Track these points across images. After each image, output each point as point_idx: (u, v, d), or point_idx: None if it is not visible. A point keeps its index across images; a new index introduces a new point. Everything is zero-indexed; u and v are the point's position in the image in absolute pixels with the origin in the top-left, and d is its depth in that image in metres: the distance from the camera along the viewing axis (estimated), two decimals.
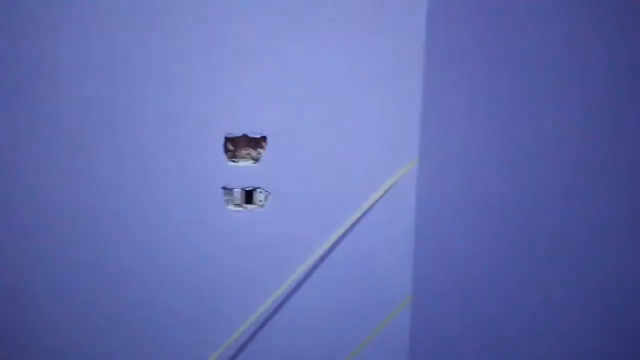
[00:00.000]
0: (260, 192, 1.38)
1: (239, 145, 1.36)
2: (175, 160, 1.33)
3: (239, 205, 1.38)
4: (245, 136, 1.35)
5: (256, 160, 1.36)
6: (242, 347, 1.44)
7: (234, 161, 1.36)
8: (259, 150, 1.36)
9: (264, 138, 1.35)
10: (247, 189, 1.37)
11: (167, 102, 1.31)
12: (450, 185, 1.26)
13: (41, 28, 1.26)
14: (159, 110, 1.31)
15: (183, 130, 1.32)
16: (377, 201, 1.39)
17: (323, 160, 1.37)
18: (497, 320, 1.04)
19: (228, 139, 1.34)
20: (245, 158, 1.37)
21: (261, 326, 1.43)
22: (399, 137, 1.37)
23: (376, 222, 1.41)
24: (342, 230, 1.39)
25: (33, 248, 1.36)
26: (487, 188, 1.08)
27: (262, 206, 1.38)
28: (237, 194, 1.37)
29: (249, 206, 1.38)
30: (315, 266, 1.41)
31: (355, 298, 1.43)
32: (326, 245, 1.40)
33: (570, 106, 0.80)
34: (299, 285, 1.42)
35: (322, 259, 1.41)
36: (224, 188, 1.36)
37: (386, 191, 1.39)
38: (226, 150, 1.35)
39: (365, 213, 1.40)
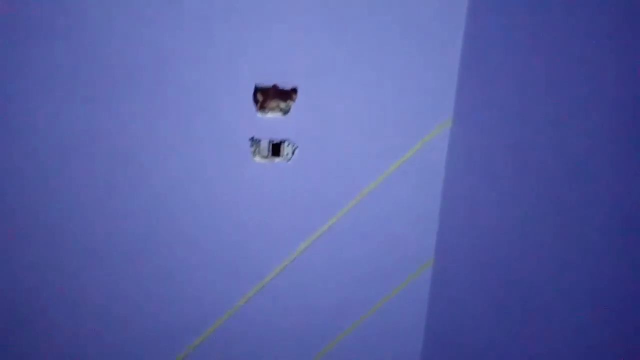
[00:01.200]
0: (288, 145, 1.35)
1: (269, 96, 1.32)
2: (201, 109, 1.30)
3: (265, 157, 1.36)
4: (275, 87, 1.30)
5: (285, 112, 1.33)
6: (259, 302, 1.46)
7: (262, 112, 1.32)
8: (289, 102, 1.33)
9: (294, 90, 1.31)
10: (274, 141, 1.35)
11: (194, 48, 1.26)
12: (483, 150, 1.23)
13: None
14: (185, 56, 1.26)
15: (210, 77, 1.28)
16: (406, 160, 1.37)
17: (354, 116, 1.33)
18: (517, 289, 1.03)
19: (258, 89, 1.30)
20: (274, 110, 1.33)
21: (281, 280, 1.45)
22: (434, 95, 1.33)
23: (404, 182, 1.39)
24: (368, 189, 1.38)
25: (56, 189, 1.36)
26: (522, 155, 1.04)
27: (288, 160, 1.36)
28: (265, 145, 1.34)
29: (276, 159, 1.36)
30: (338, 225, 1.41)
31: (377, 257, 1.44)
32: (351, 204, 1.38)
33: (620, 86, 0.75)
34: (321, 242, 1.42)
35: (346, 217, 1.41)
36: (252, 139, 1.34)
37: (417, 150, 1.36)
38: (255, 101, 1.31)
39: (393, 173, 1.37)
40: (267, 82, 1.29)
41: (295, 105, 1.32)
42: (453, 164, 1.36)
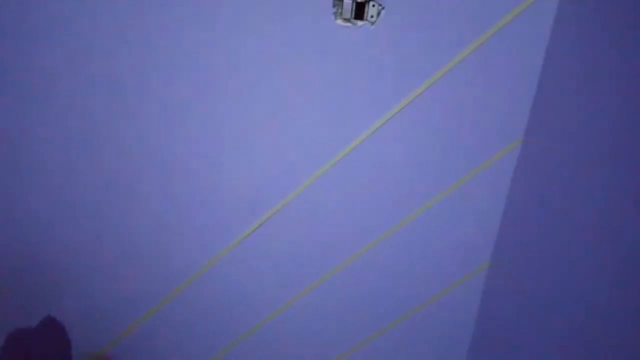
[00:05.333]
0: (373, 5, 1.23)
1: None
2: None
3: (347, 20, 1.25)
4: None
5: None
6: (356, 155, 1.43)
7: None
8: None
9: None
10: (359, 0, 1.23)
11: None
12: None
13: None
14: None
15: None
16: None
17: None
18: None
19: None
20: None
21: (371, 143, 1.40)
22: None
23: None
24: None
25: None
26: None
27: (372, 23, 1.25)
28: (348, 5, 1.23)
29: (359, 22, 1.25)
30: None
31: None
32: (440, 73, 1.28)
33: None
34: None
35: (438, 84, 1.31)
36: None
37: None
38: None
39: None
40: None
41: None
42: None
